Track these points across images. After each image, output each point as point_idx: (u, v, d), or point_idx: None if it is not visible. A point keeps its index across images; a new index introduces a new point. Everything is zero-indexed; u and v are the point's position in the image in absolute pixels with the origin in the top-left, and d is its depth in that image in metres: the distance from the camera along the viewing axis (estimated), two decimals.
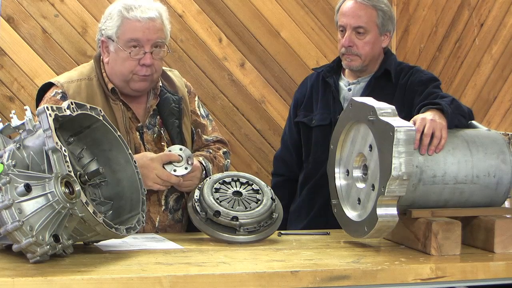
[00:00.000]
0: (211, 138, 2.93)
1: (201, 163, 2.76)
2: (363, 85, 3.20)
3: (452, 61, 4.23)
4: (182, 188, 2.70)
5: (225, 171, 2.86)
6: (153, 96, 2.80)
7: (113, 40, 2.68)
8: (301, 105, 3.32)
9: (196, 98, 2.97)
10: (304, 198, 3.25)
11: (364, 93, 3.15)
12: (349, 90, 3.22)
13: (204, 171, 2.76)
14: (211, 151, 2.89)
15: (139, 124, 2.76)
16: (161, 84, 2.82)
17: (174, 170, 2.62)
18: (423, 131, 2.42)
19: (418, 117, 2.48)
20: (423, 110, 2.57)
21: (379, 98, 2.48)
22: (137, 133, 2.75)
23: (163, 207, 2.75)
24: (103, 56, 2.74)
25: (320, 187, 3.25)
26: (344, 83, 3.25)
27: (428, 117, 2.47)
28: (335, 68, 3.28)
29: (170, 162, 2.62)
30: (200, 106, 2.97)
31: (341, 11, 3.17)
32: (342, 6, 3.18)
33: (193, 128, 2.90)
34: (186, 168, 2.63)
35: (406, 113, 2.79)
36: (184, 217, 2.82)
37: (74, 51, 4.26)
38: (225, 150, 2.95)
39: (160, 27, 2.70)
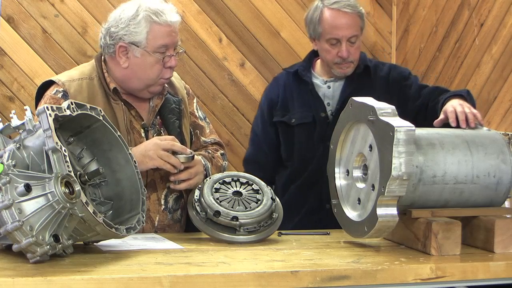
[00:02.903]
0: (209, 140, 2.94)
1: (201, 160, 2.77)
2: (342, 82, 3.29)
3: (452, 61, 4.23)
4: (189, 184, 2.68)
5: (222, 172, 2.86)
6: (157, 96, 2.81)
7: (138, 46, 2.67)
8: (276, 105, 3.34)
9: (195, 100, 2.98)
10: (292, 197, 3.26)
11: (347, 89, 3.27)
12: (329, 87, 3.30)
13: (204, 169, 2.76)
14: (209, 151, 2.90)
15: (143, 122, 2.76)
16: (165, 85, 2.83)
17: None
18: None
19: (447, 109, 2.75)
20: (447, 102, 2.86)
21: (362, 93, 2.59)
22: (142, 131, 2.75)
23: (163, 207, 2.76)
24: (119, 61, 2.70)
25: (311, 185, 3.28)
26: (319, 81, 3.33)
27: (455, 103, 2.76)
28: (308, 66, 3.33)
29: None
30: (198, 108, 2.98)
31: (329, 23, 3.21)
32: (326, 18, 3.23)
33: (191, 130, 2.91)
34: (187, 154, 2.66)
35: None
36: (183, 217, 2.82)
37: (74, 51, 4.26)
38: (222, 152, 2.96)
39: (178, 30, 2.74)
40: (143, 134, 2.75)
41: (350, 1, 3.23)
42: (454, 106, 2.73)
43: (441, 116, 2.79)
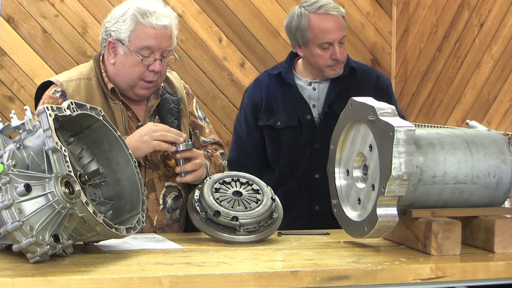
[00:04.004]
0: (208, 140, 2.94)
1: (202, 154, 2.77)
2: (327, 84, 3.29)
3: (452, 61, 4.23)
4: (194, 176, 2.68)
5: (221, 171, 2.87)
6: (154, 96, 2.80)
7: (123, 44, 2.68)
8: (260, 108, 3.34)
9: (194, 100, 2.97)
10: (280, 200, 3.26)
11: (333, 91, 3.27)
12: (314, 89, 3.30)
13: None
14: (209, 150, 2.90)
15: (139, 124, 2.76)
16: (162, 85, 2.83)
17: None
18: None
19: None
20: None
21: (347, 94, 2.62)
22: None
23: (161, 206, 2.75)
24: (109, 57, 2.73)
25: (299, 188, 3.28)
26: (302, 83, 3.33)
27: None
28: (289, 68, 3.33)
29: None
30: (198, 108, 2.98)
31: (320, 28, 3.22)
32: (315, 23, 3.23)
33: (191, 130, 2.91)
34: (186, 141, 2.66)
35: None
36: (182, 217, 2.82)
37: (74, 51, 4.26)
38: (222, 151, 2.96)
39: (171, 35, 2.71)
40: None
41: (331, 4, 3.25)
42: None
43: None
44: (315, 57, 3.24)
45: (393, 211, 2.28)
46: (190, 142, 2.68)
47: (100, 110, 2.32)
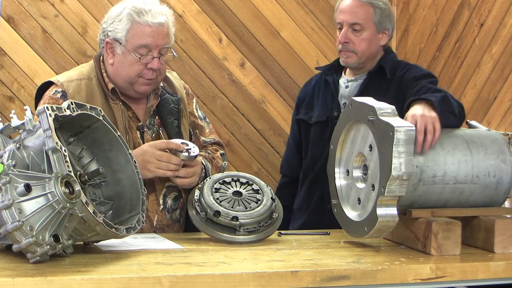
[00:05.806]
0: (209, 140, 2.95)
1: (201, 162, 2.77)
2: (360, 82, 3.23)
3: (452, 61, 4.23)
4: (183, 182, 2.69)
5: (222, 172, 2.87)
6: (153, 96, 2.81)
7: (120, 43, 2.68)
8: (302, 103, 3.36)
9: (194, 100, 2.98)
10: (302, 195, 3.27)
11: (360, 90, 3.20)
12: (347, 87, 3.27)
13: (204, 170, 2.77)
14: (209, 151, 2.90)
15: (139, 124, 2.76)
16: (161, 85, 2.83)
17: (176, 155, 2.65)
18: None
19: (408, 115, 2.45)
20: (412, 104, 2.55)
21: (374, 94, 2.53)
22: (138, 133, 2.75)
23: (161, 207, 2.76)
24: (107, 57, 2.74)
25: (315, 184, 3.29)
26: (343, 81, 3.30)
27: (418, 113, 2.44)
28: (336, 66, 3.32)
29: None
30: (198, 108, 2.98)
31: (339, 8, 3.22)
32: (340, 3, 3.24)
33: (190, 129, 2.91)
34: (188, 153, 2.64)
35: (400, 108, 2.79)
36: (182, 217, 2.82)
37: (74, 51, 4.25)
38: (222, 152, 2.96)
39: (168, 32, 2.72)
40: (139, 136, 2.76)
41: None
42: (415, 119, 2.42)
43: None
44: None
45: (393, 211, 2.28)
46: (193, 155, 2.66)
47: (100, 110, 2.32)
